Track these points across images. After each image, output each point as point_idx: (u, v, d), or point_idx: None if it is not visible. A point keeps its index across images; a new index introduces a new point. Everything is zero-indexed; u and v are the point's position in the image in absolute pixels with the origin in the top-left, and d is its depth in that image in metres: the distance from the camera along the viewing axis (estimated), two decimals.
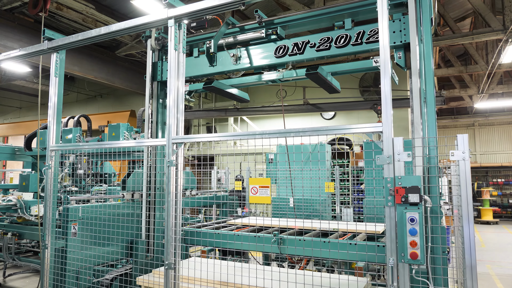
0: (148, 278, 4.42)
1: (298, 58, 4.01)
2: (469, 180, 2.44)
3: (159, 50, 4.90)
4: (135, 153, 5.45)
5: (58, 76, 4.49)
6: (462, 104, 15.99)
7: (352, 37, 3.72)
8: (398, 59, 3.59)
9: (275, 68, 4.43)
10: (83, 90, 17.76)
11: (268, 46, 4.21)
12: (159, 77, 4.84)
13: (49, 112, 4.44)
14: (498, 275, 7.64)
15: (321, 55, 3.90)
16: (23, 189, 6.50)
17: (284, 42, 4.10)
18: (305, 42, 3.95)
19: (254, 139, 3.05)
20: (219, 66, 4.46)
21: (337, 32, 3.81)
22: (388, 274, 2.49)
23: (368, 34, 3.65)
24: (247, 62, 4.33)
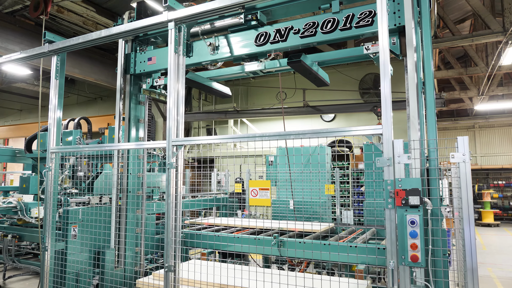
0: (148, 280, 4.41)
1: (280, 46, 3.67)
2: (470, 182, 2.43)
3: (132, 41, 4.67)
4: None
5: (58, 78, 4.50)
6: (462, 106, 15.99)
7: (340, 21, 3.38)
8: (392, 46, 3.30)
9: (257, 58, 4.06)
10: (83, 93, 17.78)
11: (248, 34, 3.86)
12: (132, 69, 4.57)
13: (49, 115, 4.44)
14: (500, 278, 7.62)
15: (306, 42, 3.55)
16: (24, 191, 6.51)
17: (266, 29, 3.75)
18: (288, 28, 3.60)
19: (254, 141, 3.05)
20: (195, 56, 4.13)
21: (323, 16, 3.47)
22: (388, 276, 2.48)
23: (358, 18, 3.32)
24: (225, 51, 3.97)
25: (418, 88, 3.15)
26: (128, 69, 4.60)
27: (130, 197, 4.57)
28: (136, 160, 4.47)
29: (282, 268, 6.17)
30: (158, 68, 4.41)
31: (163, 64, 4.30)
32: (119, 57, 4.72)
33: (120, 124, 4.83)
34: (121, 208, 4.62)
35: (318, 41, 3.53)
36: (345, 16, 3.38)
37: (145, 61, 4.49)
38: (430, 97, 3.09)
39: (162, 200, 5.79)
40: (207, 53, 4.02)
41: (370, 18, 3.29)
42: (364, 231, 4.91)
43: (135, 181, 4.66)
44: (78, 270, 4.35)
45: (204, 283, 4.09)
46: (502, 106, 16.39)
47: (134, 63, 4.56)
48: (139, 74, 4.61)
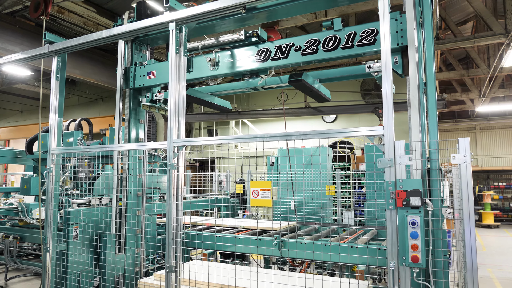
0: (149, 281, 4.41)
1: (281, 63, 3.62)
2: (471, 183, 2.44)
3: (132, 41, 4.64)
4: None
5: (59, 79, 4.51)
6: (464, 108, 15.99)
7: (342, 39, 3.35)
8: (394, 65, 3.28)
9: (257, 74, 4.03)
10: (84, 94, 17.81)
11: (248, 50, 3.83)
12: (132, 83, 4.56)
13: (50, 116, 4.45)
14: (499, 279, 7.61)
15: (307, 59, 3.53)
16: (25, 192, 6.51)
17: (266, 45, 3.72)
18: (290, 45, 3.56)
19: (255, 142, 3.06)
20: (195, 71, 4.11)
21: (325, 34, 3.44)
22: (389, 277, 2.48)
23: (360, 36, 3.30)
24: (226, 67, 3.94)
25: (419, 89, 3.15)
26: (128, 83, 4.59)
27: (130, 198, 4.58)
28: (137, 161, 4.48)
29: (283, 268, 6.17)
30: (158, 83, 4.40)
31: (163, 79, 4.29)
32: (119, 58, 4.73)
33: (120, 125, 4.83)
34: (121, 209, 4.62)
35: (319, 59, 3.50)
36: (347, 34, 3.36)
37: (144, 75, 4.49)
38: (432, 98, 3.09)
39: (163, 201, 5.80)
40: (207, 69, 3.99)
41: (372, 36, 3.27)
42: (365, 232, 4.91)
43: (135, 182, 4.67)
44: (80, 271, 4.36)
45: (206, 283, 4.09)
46: (503, 108, 16.38)
47: (134, 77, 4.55)
48: (138, 88, 4.62)
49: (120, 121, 4.89)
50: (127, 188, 4.49)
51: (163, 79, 4.28)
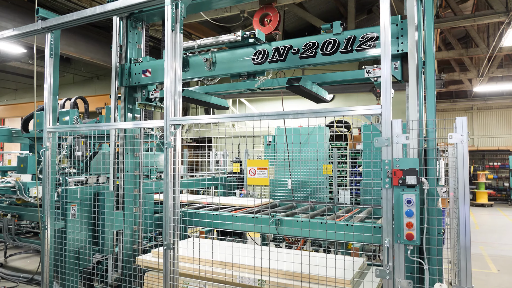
0: (147, 258, 4.47)
1: (279, 66, 3.58)
2: (467, 162, 2.45)
3: (127, 18, 4.56)
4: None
5: (53, 56, 4.44)
6: (461, 88, 15.95)
7: (341, 44, 3.29)
8: (394, 71, 3.22)
9: (254, 76, 3.99)
10: (79, 72, 17.58)
11: (245, 51, 3.76)
12: (127, 81, 4.50)
13: (45, 94, 4.40)
14: (491, 256, 7.78)
15: (305, 63, 3.47)
16: (21, 171, 6.51)
17: (264, 47, 3.65)
18: (288, 48, 3.51)
19: (252, 121, 3.04)
20: (192, 71, 4.05)
21: (324, 37, 3.38)
22: (384, 254, 2.53)
23: (360, 41, 3.24)
24: (222, 68, 3.87)
25: (418, 68, 3.12)
26: (123, 80, 4.56)
27: (127, 177, 4.59)
28: (133, 139, 4.46)
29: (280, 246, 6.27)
30: (153, 81, 4.37)
31: (158, 78, 4.25)
32: (113, 35, 4.64)
33: (116, 103, 4.80)
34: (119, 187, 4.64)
35: (317, 63, 3.45)
36: (346, 39, 3.29)
37: (139, 73, 4.46)
38: (430, 77, 3.07)
39: (160, 179, 5.82)
40: (204, 69, 3.92)
41: (372, 42, 3.22)
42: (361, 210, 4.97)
43: (132, 161, 4.67)
44: (78, 248, 4.41)
45: (203, 260, 4.16)
46: (501, 88, 16.36)
47: (129, 74, 4.53)
48: (134, 86, 4.58)
49: (116, 100, 4.86)
50: (124, 166, 4.49)
51: (158, 77, 4.24)
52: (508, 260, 7.51)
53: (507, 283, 6.07)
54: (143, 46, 5.06)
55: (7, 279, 6.01)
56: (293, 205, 5.30)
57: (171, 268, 3.26)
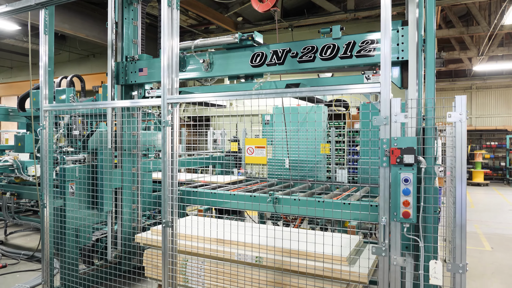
0: (146, 235, 4.53)
1: (277, 69, 3.54)
2: (465, 141, 2.45)
3: None
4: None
5: (47, 33, 4.35)
6: (461, 67, 15.84)
7: (341, 48, 3.24)
8: (393, 78, 3.20)
9: (252, 78, 3.96)
10: (75, 50, 17.31)
11: (243, 53, 3.72)
12: (123, 80, 4.51)
13: (40, 72, 4.34)
14: (485, 234, 7.91)
15: (304, 67, 3.43)
16: (19, 150, 6.49)
17: (262, 49, 3.61)
18: (286, 51, 3.45)
19: (250, 99, 3.02)
20: (189, 72, 4.01)
21: (323, 41, 3.32)
22: (380, 232, 2.56)
23: (359, 46, 3.18)
24: (220, 69, 3.82)
25: (418, 46, 3.08)
26: (119, 79, 4.55)
27: (125, 155, 4.60)
28: (131, 118, 4.44)
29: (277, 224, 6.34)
30: (150, 80, 4.36)
31: (155, 77, 4.23)
32: (109, 11, 4.55)
33: (113, 82, 4.75)
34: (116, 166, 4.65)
35: (316, 67, 3.40)
36: (346, 43, 3.23)
37: (136, 71, 4.43)
38: (431, 55, 3.03)
39: (158, 158, 5.83)
40: (201, 69, 3.87)
41: (372, 47, 3.15)
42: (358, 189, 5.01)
43: (129, 140, 4.66)
44: (78, 226, 4.45)
45: (201, 237, 4.21)
46: (501, 67, 16.25)
47: (125, 73, 4.53)
48: (130, 85, 4.56)
49: (113, 78, 4.80)
50: (122, 145, 4.48)
51: (155, 76, 4.23)
52: (502, 238, 7.64)
53: (501, 260, 6.19)
54: (139, 23, 4.97)
55: (8, 256, 6.09)
56: (291, 183, 5.34)
57: (170, 245, 3.30)
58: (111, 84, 4.75)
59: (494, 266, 5.91)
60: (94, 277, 4.64)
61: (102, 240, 4.99)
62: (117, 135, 4.58)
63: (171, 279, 3.29)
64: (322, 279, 3.45)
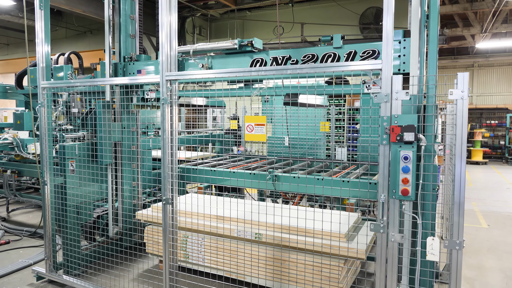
0: (147, 212, 4.57)
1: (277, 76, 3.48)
2: (466, 119, 2.44)
3: None
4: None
5: (43, 9, 4.26)
6: (464, 44, 15.61)
7: (341, 58, 3.20)
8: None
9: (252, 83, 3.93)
10: (72, 26, 17.01)
11: (243, 58, 3.68)
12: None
13: (37, 49, 4.28)
14: (482, 212, 8.00)
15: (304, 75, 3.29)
16: (18, 128, 6.47)
17: (261, 55, 3.56)
18: (286, 58, 3.40)
19: (250, 76, 2.99)
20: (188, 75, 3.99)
21: (323, 49, 3.28)
22: (378, 209, 2.58)
23: (360, 56, 3.14)
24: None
25: (421, 22, 3.01)
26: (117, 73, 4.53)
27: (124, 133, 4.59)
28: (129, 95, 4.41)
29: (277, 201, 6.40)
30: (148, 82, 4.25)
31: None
32: None
33: (110, 58, 4.69)
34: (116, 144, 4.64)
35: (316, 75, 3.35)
36: (347, 53, 3.17)
37: (134, 73, 4.37)
38: (434, 32, 2.97)
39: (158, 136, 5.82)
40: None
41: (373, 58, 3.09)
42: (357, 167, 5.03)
43: (128, 117, 4.64)
44: (78, 203, 4.49)
45: (201, 214, 4.25)
46: (504, 44, 16.00)
47: (123, 74, 4.51)
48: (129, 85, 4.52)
49: (111, 55, 4.74)
50: (121, 122, 4.47)
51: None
52: (499, 215, 7.73)
53: (496, 237, 6.28)
54: None
55: (11, 232, 6.17)
56: (290, 161, 5.35)
57: (170, 222, 3.34)
58: (109, 61, 4.69)
59: (490, 243, 6.01)
60: (96, 253, 4.72)
61: (103, 217, 5.04)
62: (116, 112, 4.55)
63: (172, 255, 3.34)
64: (321, 255, 3.51)
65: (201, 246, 4.20)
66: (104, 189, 4.80)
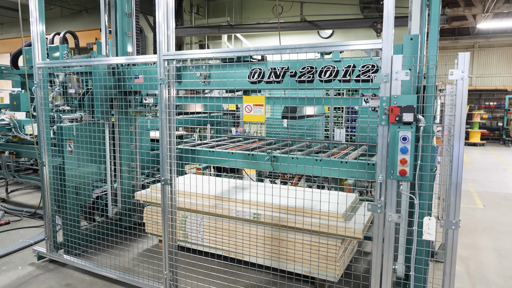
0: (146, 193, 4.59)
1: (275, 87, 3.46)
2: (465, 100, 2.42)
3: None
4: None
5: None
6: (465, 24, 15.41)
7: (340, 72, 3.15)
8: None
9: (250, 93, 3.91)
10: (67, 4, 16.68)
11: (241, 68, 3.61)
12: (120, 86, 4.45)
13: (31, 28, 4.20)
14: (478, 193, 8.07)
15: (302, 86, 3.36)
16: (15, 109, 6.43)
17: (260, 66, 3.51)
18: (284, 69, 3.36)
19: (248, 55, 2.95)
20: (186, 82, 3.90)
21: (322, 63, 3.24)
22: (376, 189, 2.59)
23: (359, 71, 3.09)
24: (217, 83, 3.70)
25: (422, 2, 2.97)
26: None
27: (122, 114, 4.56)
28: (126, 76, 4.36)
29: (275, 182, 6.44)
30: (146, 88, 4.27)
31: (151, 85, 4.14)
32: None
33: (107, 38, 4.62)
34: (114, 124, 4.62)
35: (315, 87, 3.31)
36: (346, 67, 3.12)
37: (132, 78, 4.29)
38: (435, 11, 2.93)
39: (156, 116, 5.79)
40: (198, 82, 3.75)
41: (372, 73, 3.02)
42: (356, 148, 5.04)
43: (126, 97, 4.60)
44: (77, 184, 4.50)
45: (200, 195, 4.27)
46: (506, 25, 15.82)
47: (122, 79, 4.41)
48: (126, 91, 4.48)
49: (107, 34, 4.67)
50: (118, 103, 4.44)
51: (150, 85, 4.14)
52: (494, 196, 7.80)
53: (491, 217, 6.36)
54: None
55: (11, 213, 6.21)
56: (289, 142, 5.35)
57: (169, 202, 3.35)
58: (105, 41, 4.61)
59: (485, 223, 6.08)
60: (96, 233, 4.76)
61: (103, 198, 5.07)
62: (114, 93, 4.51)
63: (171, 235, 3.38)
64: (318, 234, 3.55)
65: (200, 226, 4.25)
66: (102, 169, 4.80)
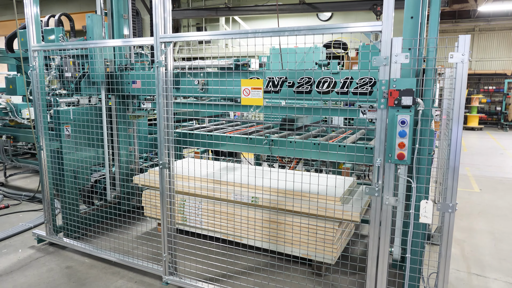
0: (144, 177, 4.60)
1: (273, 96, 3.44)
2: (465, 83, 2.40)
3: None
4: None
5: None
6: (466, 7, 15.22)
7: (338, 84, 3.11)
8: None
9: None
10: None
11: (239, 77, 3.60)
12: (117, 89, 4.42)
13: (25, 10, 4.13)
14: (475, 177, 8.12)
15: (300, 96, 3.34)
16: (11, 92, 6.37)
17: (257, 76, 3.50)
18: (282, 79, 3.33)
19: (246, 38, 2.91)
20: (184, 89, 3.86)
21: (320, 74, 3.20)
22: (374, 173, 2.60)
23: (357, 83, 3.06)
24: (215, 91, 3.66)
25: None
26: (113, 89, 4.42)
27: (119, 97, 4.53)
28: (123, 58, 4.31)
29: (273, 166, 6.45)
30: (143, 93, 4.25)
31: (148, 90, 4.12)
32: None
33: (102, 20, 4.55)
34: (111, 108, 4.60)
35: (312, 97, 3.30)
36: (343, 79, 3.09)
37: (129, 83, 4.25)
38: None
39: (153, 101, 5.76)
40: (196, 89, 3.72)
41: (369, 86, 3.00)
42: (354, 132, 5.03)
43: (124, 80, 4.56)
44: (75, 168, 4.50)
45: (198, 178, 4.29)
46: (507, 8, 15.63)
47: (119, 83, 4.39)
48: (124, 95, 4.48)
49: (103, 17, 4.60)
50: (115, 86, 4.40)
51: (148, 90, 4.12)
52: (491, 180, 7.86)
53: (487, 201, 6.42)
54: None
55: (10, 197, 6.23)
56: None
57: (167, 186, 3.36)
58: (101, 23, 4.55)
59: (481, 206, 6.14)
60: (95, 216, 4.79)
61: (101, 182, 5.08)
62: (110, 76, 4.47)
63: (170, 218, 3.40)
64: (316, 217, 3.57)
65: (198, 210, 4.27)
66: (100, 153, 4.79)
